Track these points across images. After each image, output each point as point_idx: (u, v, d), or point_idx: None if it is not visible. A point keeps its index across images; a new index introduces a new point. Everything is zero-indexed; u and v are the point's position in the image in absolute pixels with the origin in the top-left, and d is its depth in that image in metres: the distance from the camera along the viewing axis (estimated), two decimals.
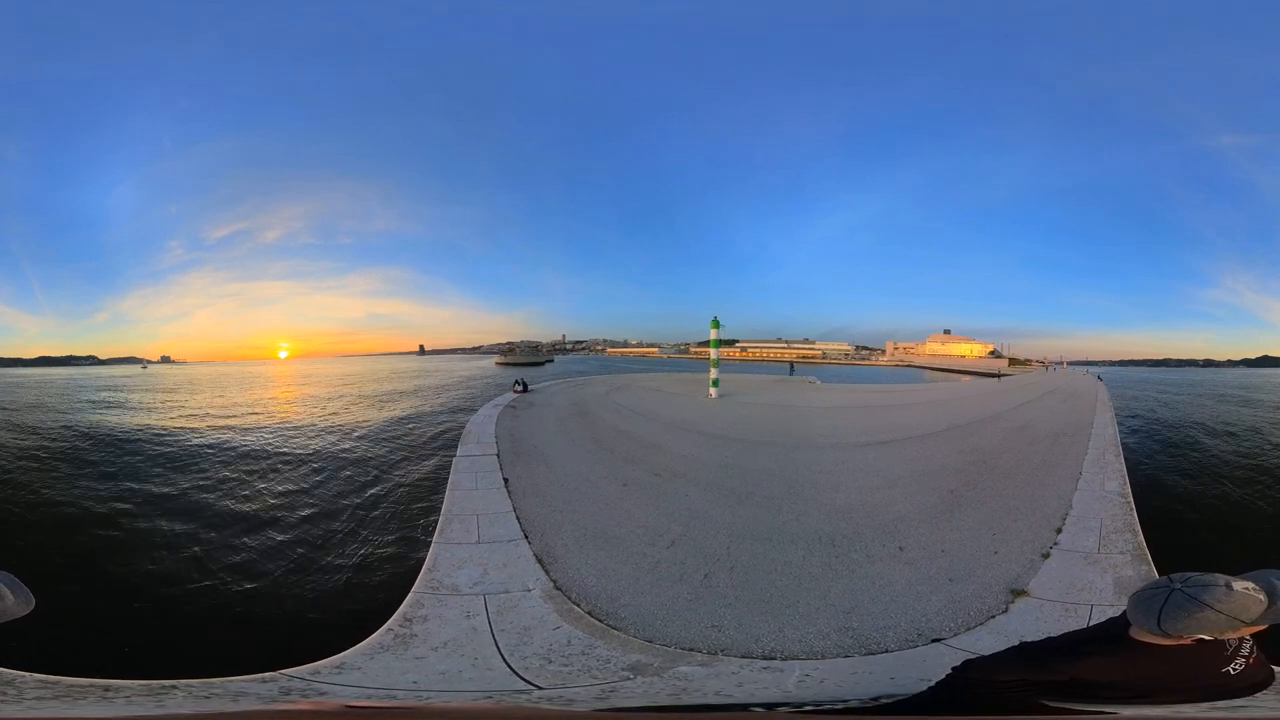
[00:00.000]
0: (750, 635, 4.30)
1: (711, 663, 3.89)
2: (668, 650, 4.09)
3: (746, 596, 4.96)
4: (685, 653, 4.06)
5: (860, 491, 8.25)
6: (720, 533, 6.52)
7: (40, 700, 2.68)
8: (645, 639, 4.25)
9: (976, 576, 5.16)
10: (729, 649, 4.11)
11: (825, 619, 4.52)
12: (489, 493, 8.00)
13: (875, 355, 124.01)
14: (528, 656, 3.88)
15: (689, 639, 4.27)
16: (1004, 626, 4.30)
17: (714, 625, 4.47)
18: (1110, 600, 4.62)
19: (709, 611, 4.69)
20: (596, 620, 4.52)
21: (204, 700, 2.98)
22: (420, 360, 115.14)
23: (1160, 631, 1.63)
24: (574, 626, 4.37)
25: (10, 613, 1.73)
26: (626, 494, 8.23)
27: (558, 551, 5.93)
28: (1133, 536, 5.93)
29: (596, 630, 4.34)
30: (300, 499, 11.26)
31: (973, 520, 6.75)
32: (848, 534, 6.39)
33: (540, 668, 3.74)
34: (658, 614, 4.66)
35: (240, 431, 20.28)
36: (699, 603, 4.85)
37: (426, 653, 3.91)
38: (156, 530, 9.35)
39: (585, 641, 4.13)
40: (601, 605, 4.79)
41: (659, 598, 4.95)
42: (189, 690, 3.04)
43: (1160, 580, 1.71)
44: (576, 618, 4.53)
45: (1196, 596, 1.58)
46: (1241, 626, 1.59)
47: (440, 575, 5.24)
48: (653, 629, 4.42)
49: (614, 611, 4.69)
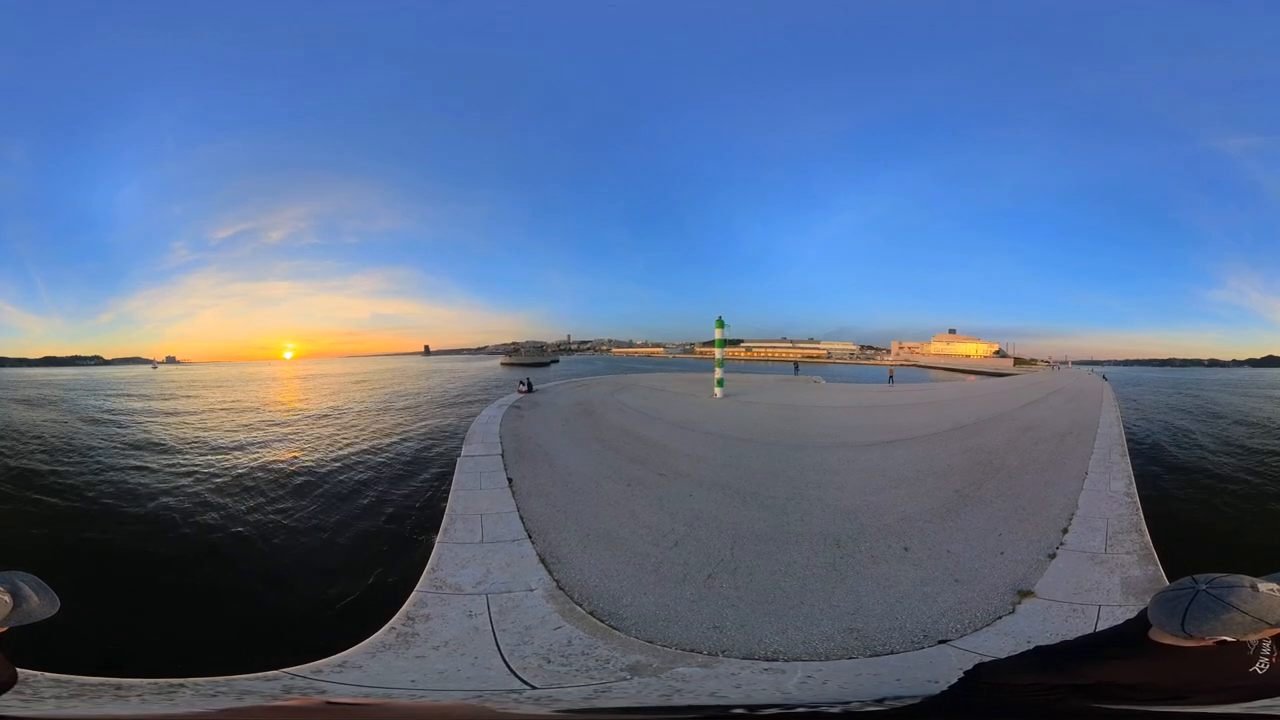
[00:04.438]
0: (753, 637, 4.29)
1: (711, 664, 3.87)
2: (669, 651, 4.08)
3: (750, 597, 4.95)
4: (686, 654, 4.05)
5: (865, 492, 8.22)
6: (724, 533, 6.51)
7: (59, 700, 2.71)
8: (646, 639, 4.24)
9: (983, 577, 5.14)
10: (730, 650, 4.10)
11: (829, 620, 4.49)
12: (493, 492, 8.03)
13: (880, 355, 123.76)
14: (527, 656, 3.88)
15: (691, 640, 4.25)
16: (1011, 628, 4.26)
17: (716, 626, 4.45)
18: (1118, 600, 4.56)
19: (712, 612, 4.67)
20: (598, 620, 4.51)
21: (210, 698, 3.01)
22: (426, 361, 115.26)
23: (1184, 633, 1.61)
24: (575, 627, 4.37)
25: (37, 614, 1.75)
26: (630, 494, 8.24)
27: (561, 551, 5.93)
28: (1139, 537, 5.89)
29: (598, 630, 4.34)
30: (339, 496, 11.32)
31: (978, 521, 6.72)
32: (852, 534, 6.36)
33: (539, 668, 3.73)
34: (660, 615, 4.66)
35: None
36: (702, 603, 4.84)
37: (427, 651, 3.93)
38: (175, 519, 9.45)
39: (586, 642, 4.13)
40: (604, 606, 4.79)
41: (662, 598, 4.95)
42: (196, 689, 3.07)
43: (1183, 582, 1.67)
44: (578, 618, 4.53)
45: (1222, 598, 1.56)
46: (1266, 628, 1.57)
47: (443, 574, 5.26)
48: (654, 629, 4.42)
49: (616, 612, 4.69)
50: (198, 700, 2.96)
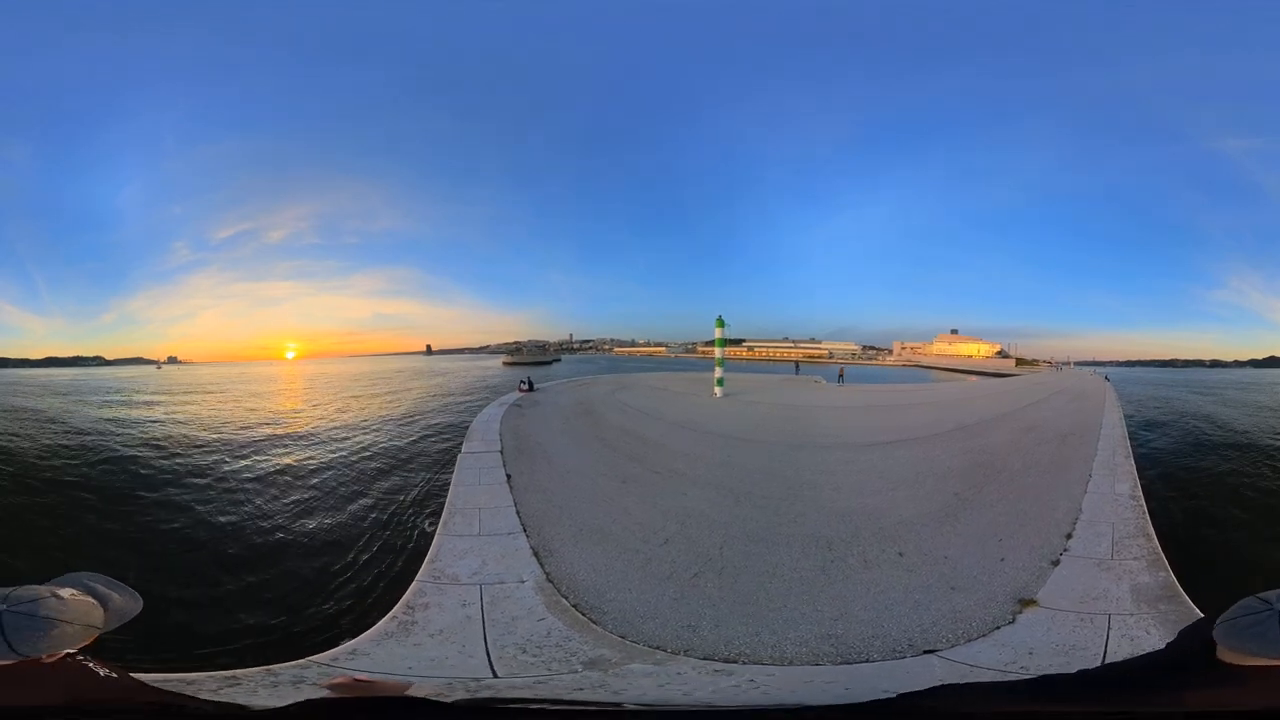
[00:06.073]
0: (724, 638, 4.22)
1: (666, 662, 3.85)
2: (635, 647, 4.06)
3: (732, 598, 4.88)
4: (650, 650, 4.02)
5: (862, 494, 8.06)
6: (715, 532, 6.46)
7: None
8: (620, 635, 4.23)
9: (981, 585, 4.94)
10: (695, 650, 4.04)
11: (809, 625, 4.39)
12: (492, 488, 8.06)
13: (882, 355, 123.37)
14: (507, 646, 3.93)
15: (661, 638, 4.21)
16: (1009, 639, 4.07)
17: (690, 625, 4.40)
18: (1129, 609, 4.35)
19: (691, 611, 4.63)
20: (580, 614, 4.53)
21: (272, 687, 3.11)
22: (429, 360, 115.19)
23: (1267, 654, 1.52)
24: (558, 619, 4.40)
25: (125, 612, 1.62)
26: (625, 491, 8.22)
27: (554, 545, 5.95)
28: (1147, 541, 5.69)
29: (578, 624, 4.36)
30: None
31: (978, 525, 6.53)
32: (845, 537, 6.24)
33: (513, 657, 3.79)
34: (640, 610, 4.65)
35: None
36: (683, 602, 4.80)
37: (424, 639, 4.02)
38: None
39: (563, 634, 4.16)
40: (588, 599, 4.80)
41: (644, 595, 4.94)
42: (248, 679, 3.19)
43: (1248, 604, 1.55)
44: (562, 610, 4.56)
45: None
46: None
47: (442, 565, 5.35)
48: (630, 625, 4.40)
49: (598, 606, 4.69)
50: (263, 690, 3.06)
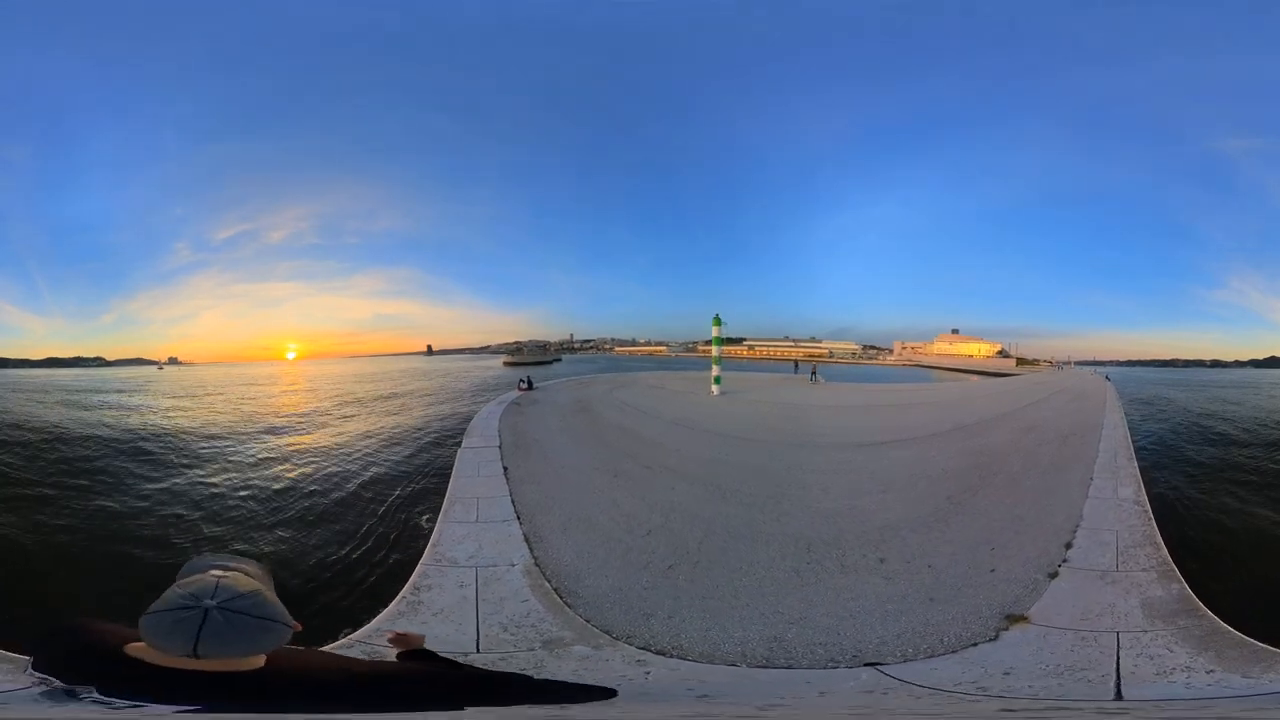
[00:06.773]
0: (673, 630, 4.23)
1: (605, 647, 3.99)
2: (590, 630, 4.21)
3: (697, 592, 4.90)
4: (598, 634, 4.16)
5: (851, 495, 7.78)
6: (697, 527, 6.54)
7: None
8: (585, 619, 4.38)
9: (964, 597, 4.58)
10: (636, 638, 4.12)
11: (762, 626, 4.26)
12: (489, 479, 8.35)
13: (883, 354, 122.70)
14: (493, 625, 4.19)
15: (616, 624, 4.31)
16: (983, 657, 3.71)
17: (647, 614, 4.47)
18: (1141, 625, 3.94)
19: (654, 601, 4.71)
20: (558, 597, 4.73)
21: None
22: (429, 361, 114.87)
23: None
24: (539, 601, 4.63)
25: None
26: (616, 484, 8.40)
27: (544, 532, 6.20)
28: (1155, 550, 5.31)
29: (554, 606, 4.56)
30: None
31: (970, 531, 6.18)
32: (827, 539, 6.08)
33: (495, 635, 4.04)
34: (610, 597, 4.80)
35: None
36: (651, 591, 4.92)
37: (429, 618, 4.31)
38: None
39: (539, 615, 4.38)
40: (567, 584, 5.00)
41: (618, 582, 5.10)
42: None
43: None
44: (544, 593, 4.78)
45: None
46: None
47: (443, 549, 5.70)
48: (596, 610, 4.55)
49: (575, 590, 4.89)
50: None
